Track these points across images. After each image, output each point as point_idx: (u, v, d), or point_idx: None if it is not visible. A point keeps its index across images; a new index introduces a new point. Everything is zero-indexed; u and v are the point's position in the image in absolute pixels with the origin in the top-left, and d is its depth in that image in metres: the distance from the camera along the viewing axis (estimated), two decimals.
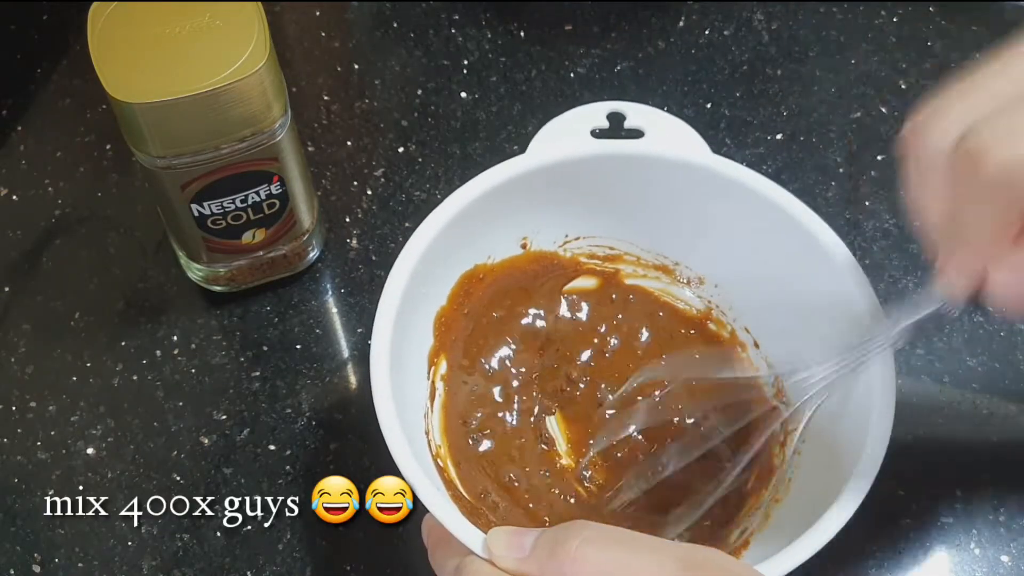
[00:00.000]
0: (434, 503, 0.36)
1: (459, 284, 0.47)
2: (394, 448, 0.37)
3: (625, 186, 0.46)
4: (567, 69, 0.61)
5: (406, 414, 0.40)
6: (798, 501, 0.42)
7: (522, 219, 0.47)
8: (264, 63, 0.43)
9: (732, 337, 0.48)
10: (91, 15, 0.44)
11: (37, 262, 0.55)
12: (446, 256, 0.44)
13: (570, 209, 0.47)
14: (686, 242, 0.48)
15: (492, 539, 0.34)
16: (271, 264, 0.52)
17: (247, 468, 0.48)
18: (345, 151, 0.58)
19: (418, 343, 0.45)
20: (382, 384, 0.39)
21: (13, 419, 0.50)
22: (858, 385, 0.40)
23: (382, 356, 0.40)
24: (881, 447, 0.38)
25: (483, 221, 0.45)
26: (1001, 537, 0.46)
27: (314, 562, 0.46)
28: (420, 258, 0.42)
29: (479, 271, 0.47)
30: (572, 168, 0.45)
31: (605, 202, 0.47)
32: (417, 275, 0.42)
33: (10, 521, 0.47)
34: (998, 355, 0.51)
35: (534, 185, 0.45)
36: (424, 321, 0.45)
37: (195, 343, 0.52)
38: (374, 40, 0.63)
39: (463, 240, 0.45)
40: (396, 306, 0.41)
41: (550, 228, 0.48)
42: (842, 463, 0.39)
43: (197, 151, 0.44)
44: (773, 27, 0.63)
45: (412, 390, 0.44)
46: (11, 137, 0.59)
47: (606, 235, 0.49)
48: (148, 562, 0.46)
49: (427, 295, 0.45)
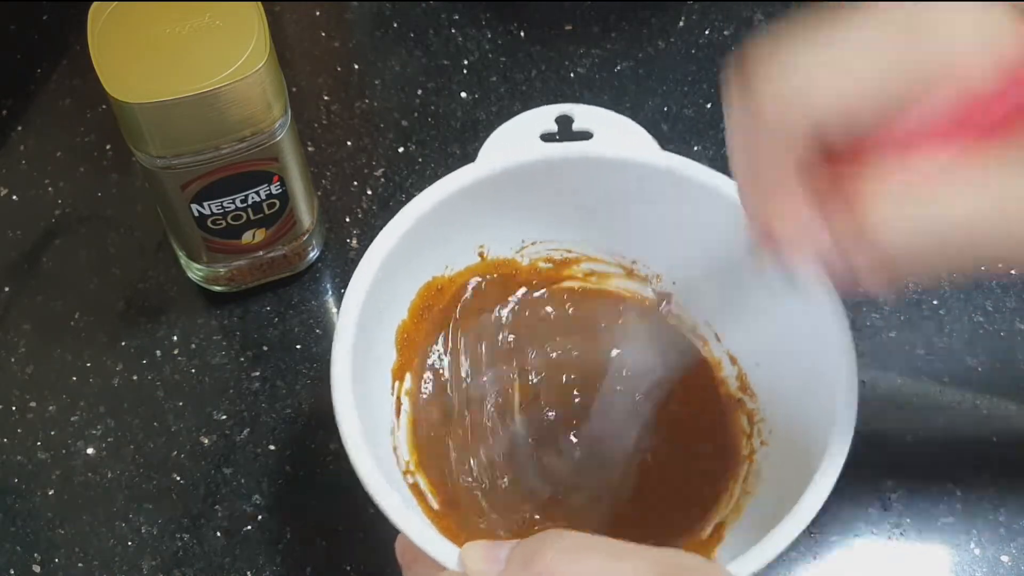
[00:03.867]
0: (404, 522, 0.36)
1: (419, 297, 0.46)
2: (361, 470, 0.37)
3: (577, 188, 0.46)
4: (567, 69, 0.61)
5: (373, 433, 0.40)
6: (769, 493, 0.42)
7: (477, 227, 0.47)
8: (264, 63, 0.43)
9: (692, 329, 0.48)
10: (91, 15, 0.44)
11: (37, 262, 0.55)
12: (403, 270, 0.44)
13: (524, 214, 0.47)
14: (641, 240, 0.48)
15: (466, 554, 0.34)
16: (271, 264, 0.52)
17: (247, 468, 0.48)
18: (345, 151, 0.58)
19: (381, 360, 0.45)
20: (346, 406, 0.39)
21: (13, 419, 0.50)
22: (822, 375, 0.40)
23: (344, 378, 0.39)
24: (847, 434, 0.38)
25: (438, 232, 0.45)
26: (1001, 537, 0.46)
27: (314, 562, 0.46)
28: (375, 275, 0.42)
29: (438, 282, 0.47)
30: (522, 173, 0.45)
31: (558, 205, 0.47)
32: (374, 292, 0.42)
33: (10, 521, 0.47)
34: (998, 355, 0.51)
35: (486, 193, 0.45)
36: (385, 337, 0.45)
37: (195, 343, 0.52)
38: (374, 40, 0.63)
39: (419, 253, 0.45)
40: (354, 326, 0.41)
41: (506, 235, 0.48)
42: (810, 453, 0.39)
43: (197, 151, 0.44)
44: (773, 27, 0.63)
45: (378, 408, 0.44)
46: (11, 137, 0.59)
47: (562, 238, 0.49)
48: (148, 562, 0.46)
49: (387, 311, 0.45)
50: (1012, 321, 0.52)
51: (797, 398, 0.43)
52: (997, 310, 0.52)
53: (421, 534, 0.36)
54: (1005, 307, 0.52)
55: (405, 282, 0.46)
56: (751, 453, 0.44)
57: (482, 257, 0.48)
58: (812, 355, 0.41)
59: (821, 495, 0.37)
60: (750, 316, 0.45)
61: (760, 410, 0.45)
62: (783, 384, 0.44)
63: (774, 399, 0.45)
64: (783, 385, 0.44)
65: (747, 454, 0.44)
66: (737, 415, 0.46)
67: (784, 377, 0.44)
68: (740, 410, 0.46)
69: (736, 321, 0.46)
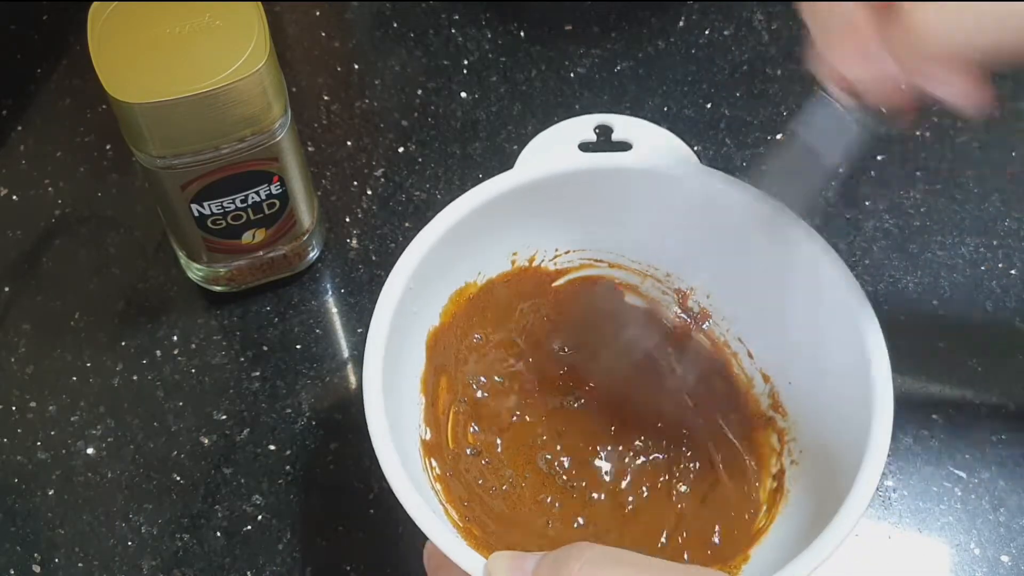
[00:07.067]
0: (433, 530, 0.36)
1: (450, 302, 0.46)
2: (392, 478, 0.37)
3: (613, 199, 0.46)
4: (567, 69, 0.61)
5: (401, 439, 0.40)
6: (797, 513, 0.42)
7: (511, 235, 0.47)
8: (264, 63, 0.43)
9: (725, 347, 0.48)
10: (91, 15, 0.44)
11: (37, 262, 0.55)
12: (436, 275, 0.44)
13: (559, 223, 0.47)
14: (675, 253, 0.48)
15: (493, 564, 0.34)
16: (271, 264, 0.52)
17: (247, 468, 0.48)
18: (345, 151, 0.58)
19: (411, 365, 0.45)
20: (376, 411, 0.38)
21: (13, 419, 0.50)
22: (856, 399, 0.40)
23: (375, 381, 0.39)
24: (881, 455, 0.38)
25: (472, 238, 0.45)
26: (1001, 537, 0.46)
27: (314, 562, 0.46)
28: (410, 278, 0.42)
29: (470, 288, 0.47)
30: (560, 182, 0.45)
31: (594, 215, 0.47)
32: (408, 295, 0.42)
33: (10, 521, 0.47)
34: (998, 355, 0.51)
35: (522, 200, 0.45)
36: (416, 341, 0.45)
37: (195, 343, 0.52)
38: (374, 40, 0.63)
39: (453, 258, 0.45)
40: (387, 329, 0.41)
41: (540, 243, 0.48)
42: (841, 476, 0.38)
43: (197, 151, 0.44)
44: (773, 27, 0.63)
45: (407, 413, 0.43)
46: (11, 137, 0.59)
47: (595, 248, 0.48)
48: (148, 562, 0.46)
49: (418, 315, 0.44)
50: (1012, 321, 0.52)
51: (830, 418, 0.42)
52: (997, 310, 0.52)
53: (449, 543, 0.36)
54: (1005, 307, 0.52)
55: (438, 286, 0.46)
56: (780, 472, 0.44)
57: (514, 264, 0.48)
58: (847, 375, 0.41)
59: (854, 516, 0.36)
60: (784, 334, 0.45)
61: (791, 429, 0.45)
62: (816, 403, 0.44)
63: (806, 419, 0.44)
64: (816, 404, 0.44)
65: (776, 473, 0.44)
66: (767, 433, 0.45)
67: (817, 396, 0.43)
68: (771, 428, 0.45)
69: (769, 338, 0.46)
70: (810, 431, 0.44)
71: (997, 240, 0.54)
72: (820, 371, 0.43)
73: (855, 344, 0.40)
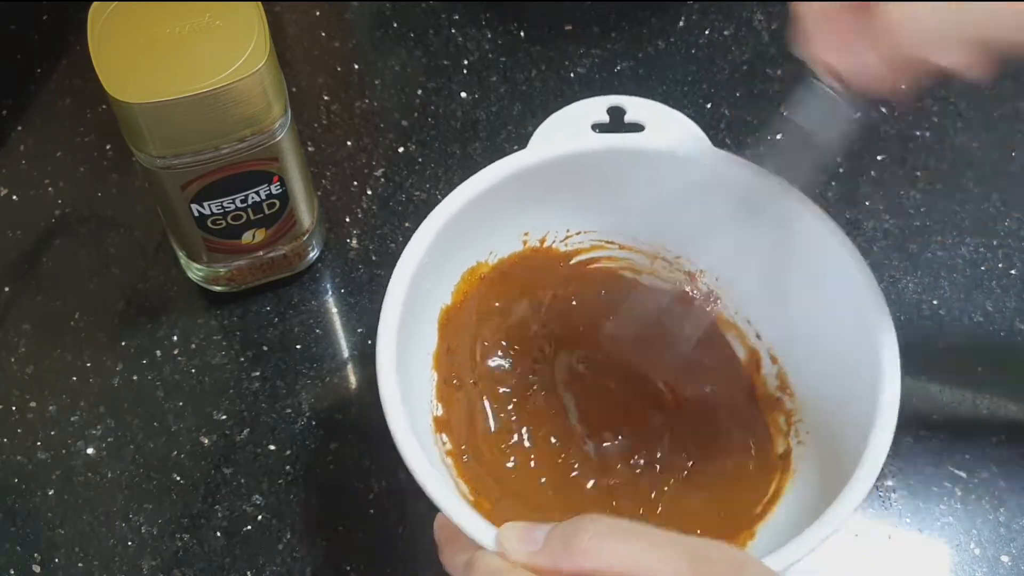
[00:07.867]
0: (444, 500, 0.36)
1: (462, 281, 0.47)
2: (404, 449, 0.37)
3: (626, 181, 0.46)
4: (567, 69, 0.61)
5: (414, 414, 0.40)
6: (803, 492, 0.42)
7: (524, 215, 0.47)
8: (264, 63, 0.43)
9: (733, 327, 0.48)
10: (91, 15, 0.44)
11: (37, 262, 0.55)
12: (449, 253, 0.44)
13: (571, 204, 0.47)
14: (686, 235, 0.48)
15: (504, 533, 0.34)
16: (271, 264, 0.52)
17: (247, 468, 0.48)
18: (345, 151, 0.58)
19: (423, 342, 0.45)
20: (390, 385, 0.39)
21: (13, 419, 0.50)
22: (865, 377, 0.40)
23: (388, 356, 0.39)
24: (887, 435, 0.38)
25: (485, 217, 0.45)
26: (1001, 537, 0.46)
27: (314, 562, 0.46)
28: (424, 255, 0.42)
29: (482, 268, 0.47)
30: (573, 163, 0.45)
31: (605, 196, 0.47)
32: (421, 272, 0.42)
33: (10, 521, 0.47)
34: (998, 356, 0.51)
35: (535, 181, 0.45)
36: (428, 319, 0.45)
37: (195, 343, 0.52)
38: (374, 40, 0.63)
39: (465, 237, 0.45)
40: (400, 305, 0.41)
41: (552, 224, 0.48)
42: (847, 454, 0.39)
43: (197, 151, 0.44)
44: (773, 27, 0.63)
45: (418, 389, 0.44)
46: (11, 137, 0.59)
47: (607, 230, 0.49)
48: (148, 562, 0.46)
49: (431, 293, 0.45)
50: (1012, 321, 0.52)
51: (837, 399, 0.42)
52: (997, 310, 0.52)
53: (460, 513, 0.36)
54: (1005, 307, 0.52)
55: (451, 265, 0.46)
56: (787, 451, 0.44)
57: (526, 244, 0.48)
58: (855, 356, 0.41)
59: (860, 494, 0.37)
60: (793, 315, 0.45)
61: (798, 410, 0.45)
62: (824, 384, 0.44)
63: (814, 399, 0.45)
64: (824, 385, 0.44)
65: (782, 452, 0.44)
66: (775, 414, 0.46)
67: (825, 377, 0.44)
68: (778, 409, 0.46)
69: (778, 320, 0.46)
70: (817, 412, 0.44)
71: (997, 240, 0.54)
72: (829, 352, 0.43)
73: (863, 325, 0.41)
